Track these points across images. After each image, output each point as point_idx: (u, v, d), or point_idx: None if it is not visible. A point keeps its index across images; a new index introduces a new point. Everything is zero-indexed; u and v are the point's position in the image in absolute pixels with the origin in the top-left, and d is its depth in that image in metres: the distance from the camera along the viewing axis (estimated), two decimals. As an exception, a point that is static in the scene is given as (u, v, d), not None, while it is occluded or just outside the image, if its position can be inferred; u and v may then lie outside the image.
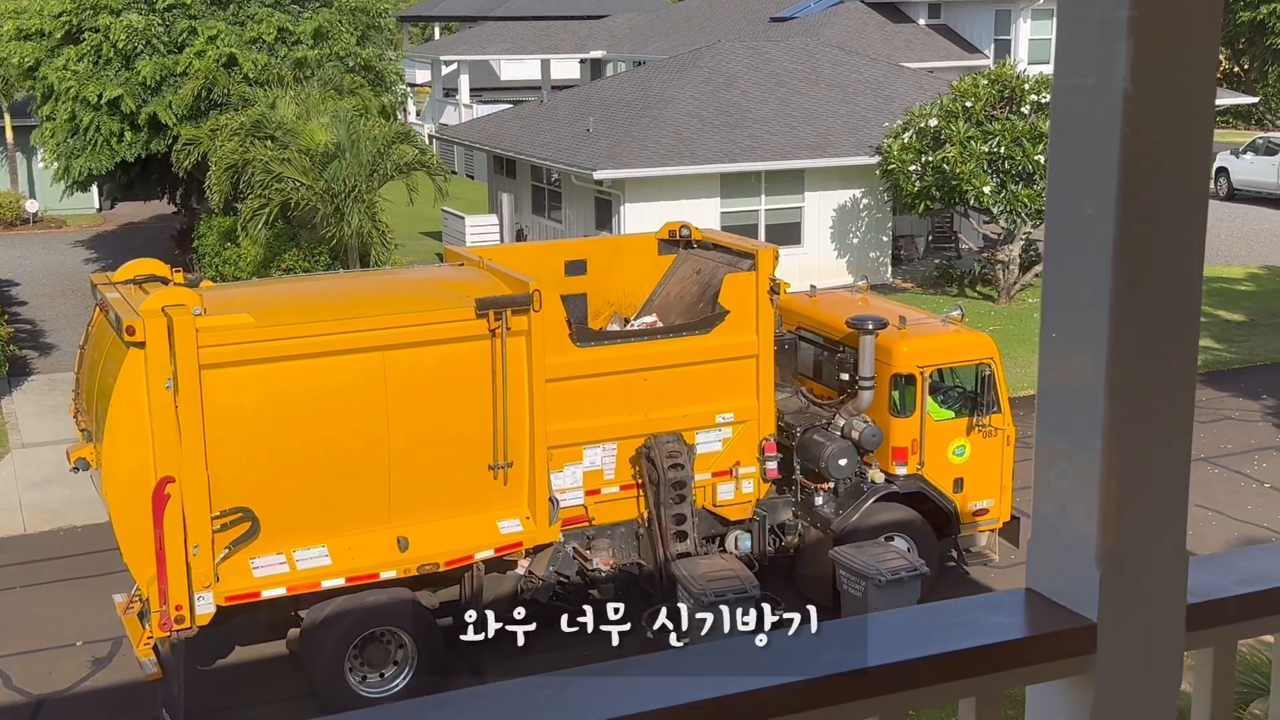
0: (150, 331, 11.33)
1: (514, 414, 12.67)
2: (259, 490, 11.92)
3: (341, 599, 12.47)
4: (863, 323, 14.04)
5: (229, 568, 11.92)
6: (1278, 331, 25.78)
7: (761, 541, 14.43)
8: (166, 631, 11.69)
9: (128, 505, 11.55)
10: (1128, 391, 1.68)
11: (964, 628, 1.73)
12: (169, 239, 35.23)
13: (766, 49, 32.87)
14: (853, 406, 14.26)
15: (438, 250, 33.80)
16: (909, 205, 27.40)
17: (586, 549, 13.74)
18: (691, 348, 13.73)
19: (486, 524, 12.81)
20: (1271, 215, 37.87)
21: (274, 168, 22.91)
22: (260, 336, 11.80)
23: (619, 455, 13.60)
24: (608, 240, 17.53)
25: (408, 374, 12.32)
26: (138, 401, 11.46)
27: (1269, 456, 18.94)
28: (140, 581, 11.86)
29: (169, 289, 12.39)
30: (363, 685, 12.69)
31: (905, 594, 13.09)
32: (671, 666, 1.66)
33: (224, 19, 29.18)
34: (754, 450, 14.14)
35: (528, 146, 30.45)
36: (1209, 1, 1.63)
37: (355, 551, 12.34)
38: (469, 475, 12.68)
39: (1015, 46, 40.20)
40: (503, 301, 12.55)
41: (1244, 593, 1.87)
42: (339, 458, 12.21)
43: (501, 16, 55.93)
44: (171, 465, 11.46)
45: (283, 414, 12.00)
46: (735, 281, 14.04)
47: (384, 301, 13.03)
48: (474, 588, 13.12)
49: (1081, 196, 1.67)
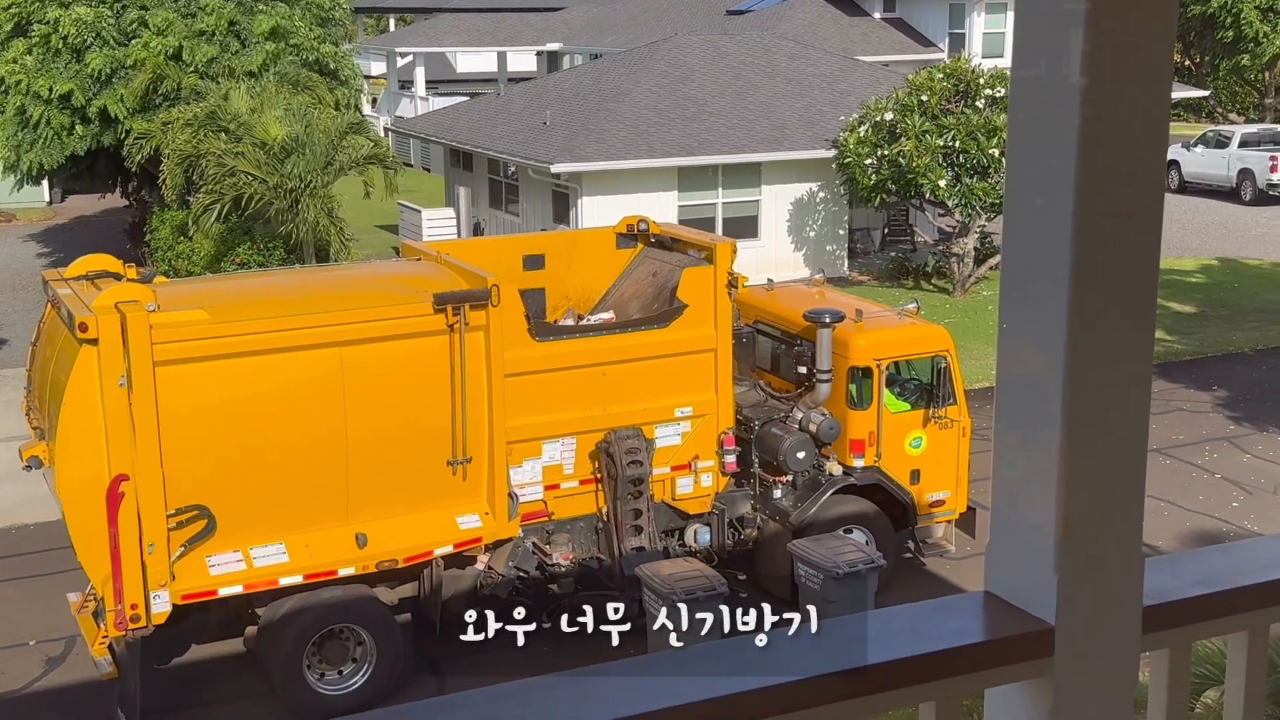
0: (103, 328, 11.21)
1: (473, 409, 12.61)
2: (215, 488, 11.82)
3: (299, 596, 12.39)
4: (820, 316, 14.11)
5: (185, 566, 11.82)
6: (1228, 323, 26.11)
7: (720, 535, 14.46)
8: (122, 630, 11.58)
9: (81, 504, 11.43)
10: (1084, 387, 1.69)
11: (923, 632, 1.74)
12: (121, 233, 34.85)
13: (723, 42, 32.91)
14: (810, 400, 14.32)
15: (394, 244, 33.61)
16: (865, 199, 27.53)
17: (546, 544, 13.74)
18: (650, 342, 13.75)
19: (445, 520, 12.76)
20: (1222, 208, 38.34)
21: (228, 161, 22.70)
22: (215, 333, 11.69)
23: (578, 450, 13.60)
24: (565, 235, 17.64)
25: (365, 370, 12.25)
26: (91, 399, 11.33)
27: (1220, 447, 19.19)
28: (95, 580, 11.75)
29: (122, 285, 12.25)
30: (320, 682, 12.61)
31: (862, 587, 13.17)
32: (625, 675, 1.66)
33: (174, 10, 28.88)
34: (713, 444, 14.19)
35: (485, 139, 30.34)
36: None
37: (313, 548, 12.27)
38: (428, 471, 12.63)
39: (969, 40, 40.45)
40: (461, 296, 12.50)
41: (1199, 594, 1.89)
42: (296, 454, 12.13)
43: (457, 8, 55.67)
44: (126, 463, 11.34)
45: (239, 410, 11.91)
46: (693, 276, 14.07)
47: (341, 296, 12.94)
48: (433, 584, 13.07)
49: (1038, 189, 1.68)
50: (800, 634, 1.75)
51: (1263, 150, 38.94)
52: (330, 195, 23.39)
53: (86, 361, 11.31)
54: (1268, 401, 21.16)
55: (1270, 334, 25.23)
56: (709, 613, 12.61)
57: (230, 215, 23.86)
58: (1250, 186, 38.71)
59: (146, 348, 11.33)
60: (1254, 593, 1.94)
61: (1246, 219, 36.83)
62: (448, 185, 34.84)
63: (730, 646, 1.72)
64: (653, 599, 12.81)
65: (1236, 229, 35.55)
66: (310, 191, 22.74)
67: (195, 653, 13.41)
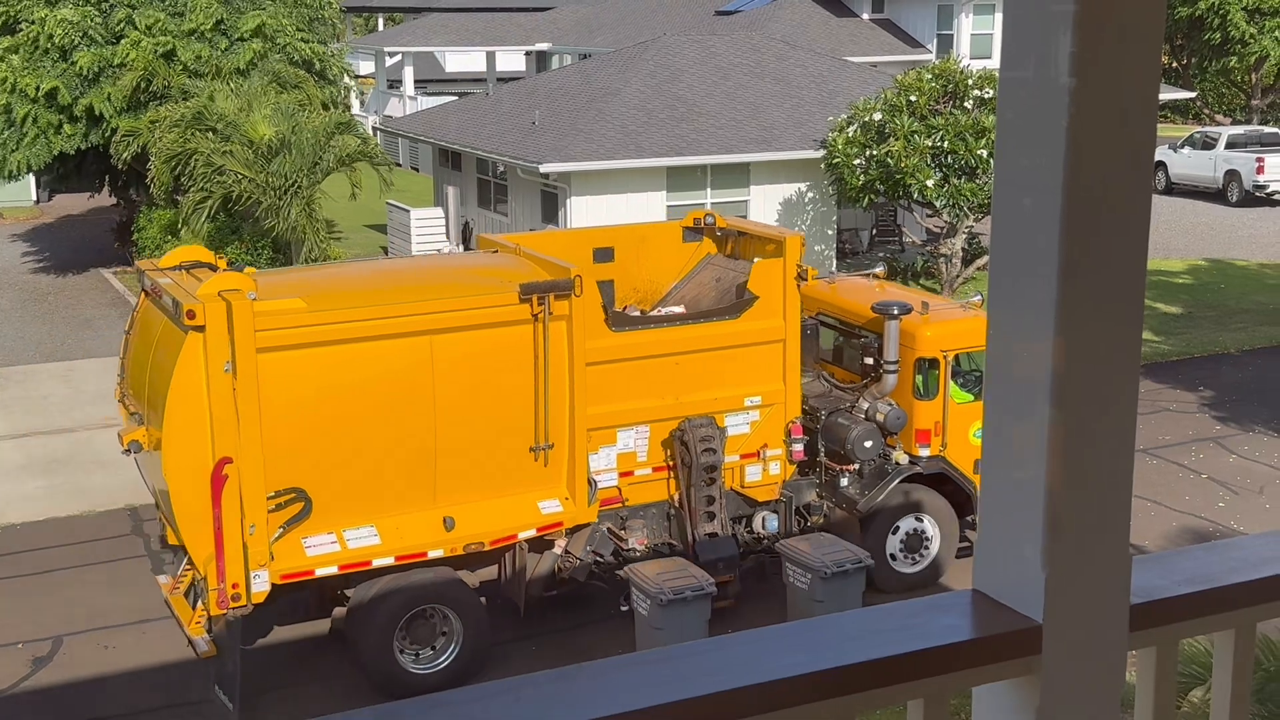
0: (210, 316, 11.59)
1: (555, 397, 12.99)
2: (311, 471, 12.18)
3: (389, 578, 12.75)
4: (888, 308, 14.43)
5: (283, 547, 12.17)
6: (1215, 324, 26.20)
7: (787, 522, 14.76)
8: (223, 609, 11.91)
9: (187, 486, 11.78)
10: (1072, 386, 1.69)
11: (912, 630, 1.74)
12: (108, 232, 34.76)
13: (712, 42, 32.92)
14: (877, 390, 14.65)
15: (383, 243, 33.56)
16: (853, 199, 27.56)
17: (621, 529, 14.06)
18: (721, 333, 14.14)
19: (528, 504, 13.14)
20: (1209, 209, 38.47)
21: (216, 160, 22.65)
22: (313, 320, 12.07)
23: (651, 438, 13.98)
24: (634, 228, 18.24)
25: (454, 357, 12.62)
26: (197, 384, 11.70)
27: (1206, 448, 19.25)
28: (198, 560, 12.06)
29: (224, 274, 12.65)
30: (411, 662, 12.93)
31: (850, 586, 13.20)
32: (614, 673, 1.66)
33: (162, 9, 28.79)
34: (780, 433, 14.53)
35: (473, 139, 30.30)
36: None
37: (403, 531, 12.62)
38: (511, 457, 13.00)
39: (958, 41, 40.52)
40: (546, 286, 12.87)
41: (1186, 593, 1.90)
42: (387, 439, 12.47)
43: (446, 8, 55.64)
44: (229, 446, 11.70)
45: (334, 396, 12.27)
46: (764, 268, 14.47)
47: (430, 286, 13.27)
48: (515, 567, 13.45)
49: (1027, 189, 1.69)
50: (788, 632, 1.75)
51: (1249, 152, 39.07)
52: (313, 195, 23.34)
53: (193, 348, 11.66)
54: (1254, 402, 21.24)
55: (1256, 335, 25.32)
56: (698, 612, 12.68)
57: (219, 214, 23.81)
58: (1237, 188, 38.85)
59: (250, 335, 11.69)
60: (1241, 591, 1.95)
61: (1233, 220, 36.96)
62: (436, 185, 34.79)
63: (718, 644, 1.72)
64: (640, 597, 12.83)
65: (1223, 230, 35.67)
66: (298, 190, 22.70)
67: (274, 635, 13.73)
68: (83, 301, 29.55)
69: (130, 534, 16.73)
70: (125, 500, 17.65)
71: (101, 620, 14.37)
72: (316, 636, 13.72)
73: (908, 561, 14.86)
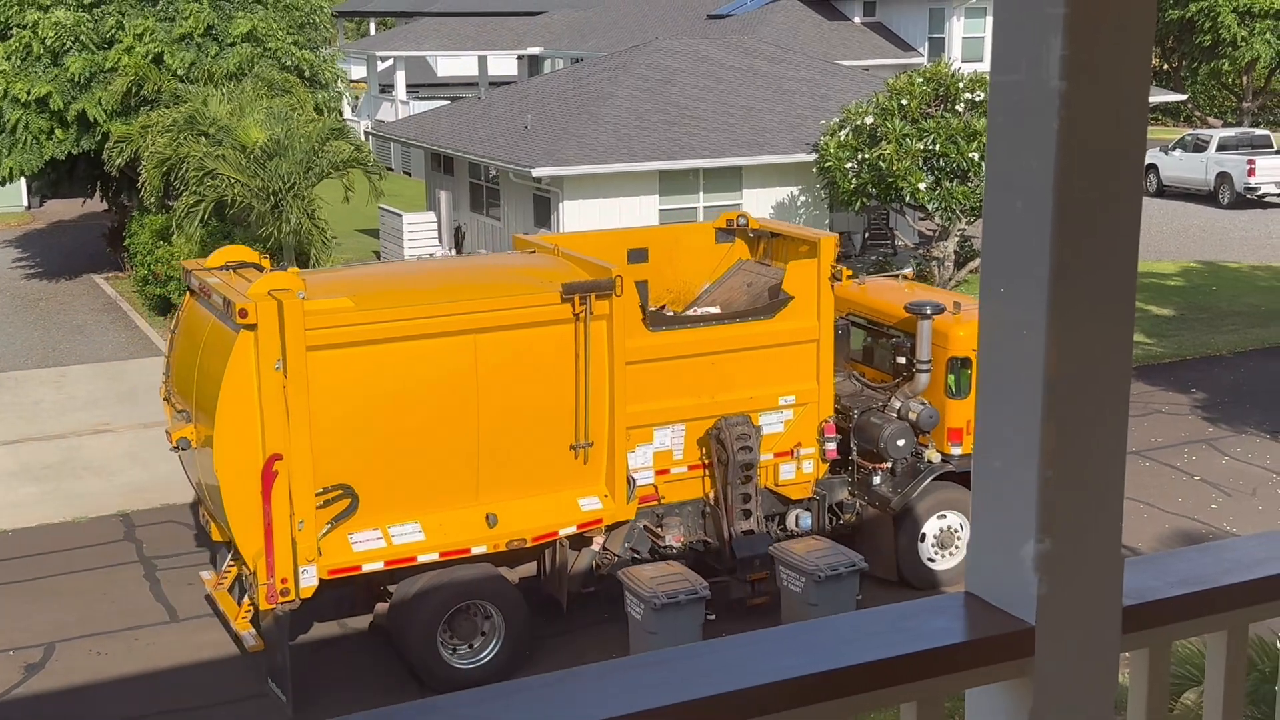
0: (262, 314, 11.75)
1: (595, 395, 13.17)
2: (358, 468, 12.34)
3: (432, 574, 12.90)
4: (921, 308, 14.59)
5: (330, 542, 12.33)
6: (1207, 326, 26.25)
7: (821, 519, 14.91)
8: (273, 604, 12.08)
9: (238, 482, 11.95)
10: (1064, 388, 1.69)
11: (905, 632, 1.74)
12: (100, 237, 34.70)
13: (704, 46, 32.94)
14: (909, 389, 14.82)
15: (375, 248, 33.54)
16: (845, 202, 27.58)
17: (657, 526, 14.19)
18: (756, 332, 14.33)
19: (568, 501, 13.30)
20: (1200, 211, 38.55)
21: (208, 164, 22.62)
22: (361, 319, 12.24)
23: (687, 436, 14.16)
24: (668, 229, 18.48)
25: (497, 356, 12.80)
26: (248, 382, 11.87)
27: (1198, 449, 19.28)
28: (247, 556, 12.22)
29: (273, 273, 12.83)
30: (454, 657, 13.05)
31: (844, 589, 13.21)
32: (609, 676, 1.66)
33: (152, 15, 28.76)
34: (814, 431, 14.69)
35: (465, 144, 30.29)
36: (1142, 0, 1.65)
37: (447, 528, 12.79)
38: (552, 454, 13.16)
39: (949, 45, 40.58)
40: (588, 286, 13.05)
41: (1179, 594, 1.90)
42: (432, 436, 12.64)
43: (438, 12, 55.60)
44: (279, 443, 11.86)
45: (380, 394, 12.42)
46: (798, 268, 14.65)
47: (474, 286, 13.43)
48: (556, 564, 13.63)
49: (1018, 192, 1.69)
50: (781, 635, 1.75)
51: (1240, 154, 39.16)
52: (312, 199, 23.33)
53: (244, 346, 11.83)
54: (1246, 404, 21.28)
55: (1249, 337, 25.37)
56: (692, 616, 12.67)
57: (211, 219, 23.77)
58: (1228, 190, 38.93)
59: (300, 333, 11.85)
60: (1234, 592, 1.95)
61: (1225, 222, 37.04)
62: (428, 189, 34.78)
63: (710, 648, 1.72)
64: (634, 601, 12.82)
65: (1215, 232, 35.74)
66: (293, 194, 22.67)
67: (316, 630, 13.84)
68: (74, 307, 29.49)
69: (123, 540, 16.70)
70: (117, 506, 17.63)
71: (93, 627, 14.34)
72: (355, 633, 13.88)
73: (941, 558, 14.97)
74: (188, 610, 14.68)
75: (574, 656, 13.39)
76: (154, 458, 19.13)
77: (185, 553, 16.11)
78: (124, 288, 30.94)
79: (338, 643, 13.91)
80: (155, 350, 25.55)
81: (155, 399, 21.46)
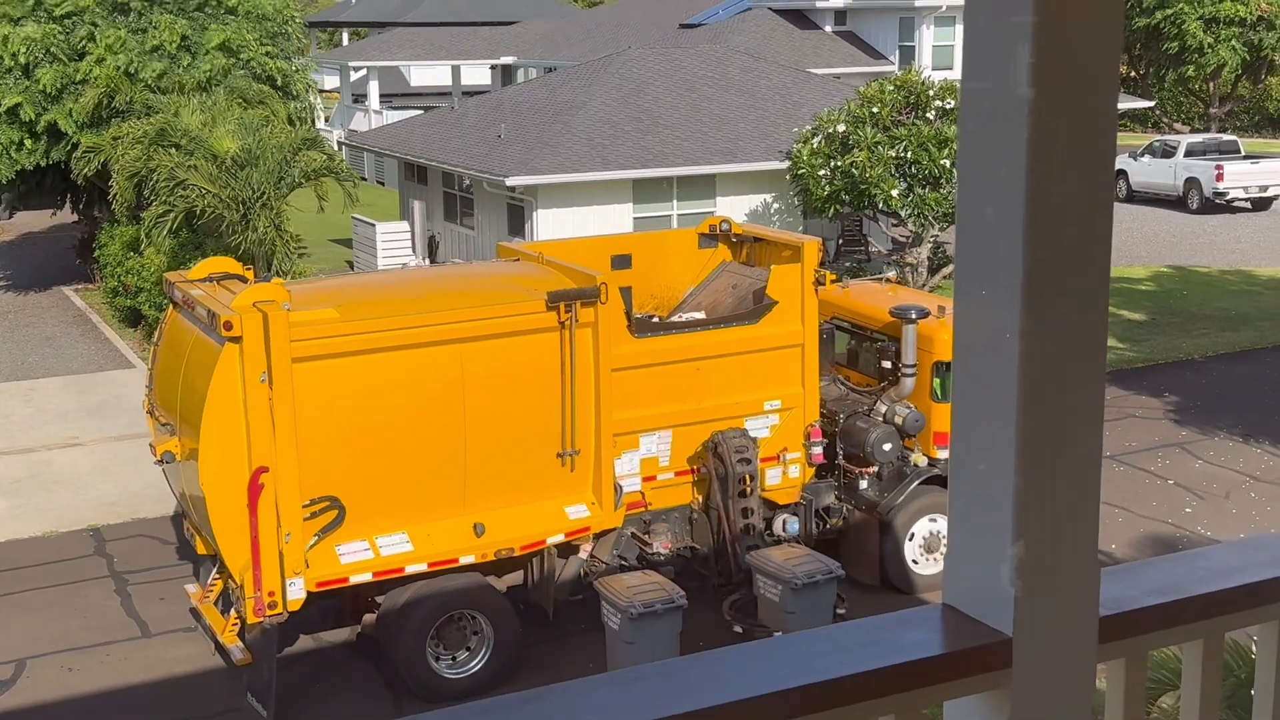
0: (247, 326, 11.67)
1: (581, 403, 13.14)
2: (345, 479, 12.29)
3: (419, 584, 12.83)
4: (906, 312, 14.63)
5: (317, 554, 12.27)
6: (1179, 330, 26.42)
7: (808, 524, 14.89)
8: (260, 617, 12.00)
9: (224, 495, 11.89)
10: (1038, 395, 1.69)
11: (883, 645, 1.73)
12: (70, 249, 34.47)
13: (676, 55, 33.00)
14: (895, 393, 14.84)
15: (348, 258, 33.43)
16: (819, 209, 27.66)
17: (645, 534, 14.18)
18: (742, 338, 14.32)
19: (555, 510, 13.28)
20: (1169, 216, 38.83)
21: (179, 174, 22.50)
22: (346, 330, 12.18)
23: (674, 442, 14.14)
24: (652, 235, 18.50)
25: (483, 365, 12.76)
26: (233, 394, 11.79)
27: (1172, 453, 19.39)
28: (233, 569, 12.15)
29: (258, 285, 12.73)
30: (442, 667, 12.99)
31: (821, 597, 13.22)
32: (585, 693, 1.64)
33: (124, 26, 28.61)
34: (799, 436, 14.68)
35: (439, 153, 30.24)
36: (1110, 8, 1.65)
37: (434, 538, 12.75)
38: (538, 462, 13.13)
39: (919, 53, 40.79)
40: (573, 294, 13.03)
41: (1154, 604, 1.90)
42: (418, 447, 12.58)
43: (411, 22, 55.54)
44: (266, 455, 11.78)
45: (366, 405, 12.37)
46: (782, 273, 14.63)
47: (459, 295, 13.39)
48: (544, 572, 13.59)
49: (990, 198, 1.69)
50: (759, 649, 1.74)
51: (1208, 159, 39.48)
52: (281, 209, 23.23)
53: (230, 359, 11.76)
54: (1218, 407, 21.42)
55: (1219, 340, 25.55)
56: (669, 626, 12.65)
57: (182, 229, 23.64)
58: (1197, 195, 39.23)
59: (286, 345, 11.77)
60: (1209, 601, 1.95)
61: (1194, 227, 37.32)
62: (402, 199, 34.70)
63: (686, 664, 1.70)
64: (611, 611, 12.79)
65: (1184, 237, 36.01)
66: (263, 204, 22.57)
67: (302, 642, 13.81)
68: (44, 319, 29.27)
69: (93, 554, 16.56)
70: (87, 521, 17.48)
71: (64, 643, 14.21)
72: (341, 645, 13.82)
73: (927, 563, 15.01)
74: (160, 625, 14.57)
75: (561, 665, 13.36)
76: (124, 471, 18.99)
77: (157, 567, 16.00)
78: (94, 299, 30.74)
79: (318, 655, 13.82)
80: (126, 363, 25.37)
81: (125, 412, 21.34)
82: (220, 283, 13.21)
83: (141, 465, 17.72)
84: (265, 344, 11.69)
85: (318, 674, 13.50)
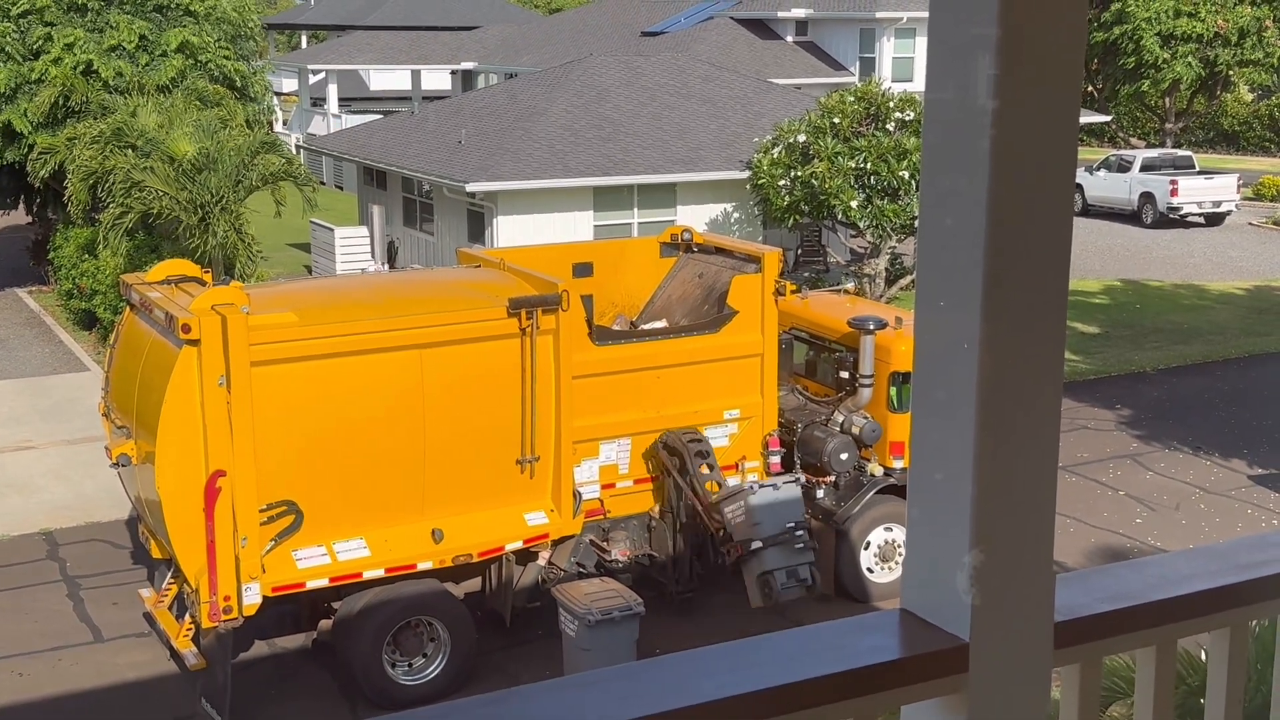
0: (205, 329, 11.60)
1: (541, 410, 13.14)
2: (302, 484, 12.20)
3: (376, 590, 12.78)
4: (864, 323, 14.71)
5: (274, 559, 12.19)
6: (1131, 343, 26.70)
7: None
8: (215, 622, 11.91)
9: (180, 499, 11.79)
10: (997, 404, 1.71)
11: (841, 650, 1.74)
12: (23, 250, 34.06)
13: (638, 63, 33.04)
14: (852, 403, 14.93)
15: (305, 263, 33.22)
16: (779, 219, 27.76)
17: (603, 541, 14.15)
18: (702, 346, 14.38)
19: (514, 516, 13.26)
20: (1124, 230, 39.24)
21: (135, 176, 22.28)
22: (306, 335, 12.10)
23: (633, 450, 14.15)
24: (614, 243, 18.53)
25: (443, 371, 12.71)
26: (191, 398, 11.71)
27: (1123, 465, 19.59)
28: (189, 573, 12.04)
29: (216, 289, 12.62)
30: (397, 673, 12.93)
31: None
32: (543, 697, 1.64)
33: (82, 25, 28.33)
34: (758, 445, 14.74)
35: (398, 158, 30.12)
36: (1072, 22, 1.67)
37: (392, 543, 12.68)
38: (497, 469, 13.11)
39: (880, 64, 41.04)
40: (534, 301, 13.03)
41: (1108, 610, 1.92)
42: (377, 452, 12.53)
43: (371, 26, 55.29)
44: (223, 459, 11.71)
45: (325, 410, 12.30)
46: (743, 283, 14.68)
47: (419, 301, 13.36)
48: (501, 579, 13.56)
49: (950, 209, 1.70)
50: (717, 654, 1.75)
51: (1163, 174, 39.93)
52: (240, 213, 23.05)
53: (187, 362, 11.67)
54: (1170, 419, 21.65)
55: (1172, 354, 25.84)
56: (627, 633, 12.60)
57: (138, 232, 23.41)
58: (1151, 210, 39.67)
59: (244, 348, 11.70)
60: (1162, 608, 1.98)
61: (1148, 241, 37.73)
62: (361, 204, 34.52)
63: (644, 668, 1.71)
64: (568, 618, 12.74)
65: (1138, 251, 36.40)
66: (221, 207, 22.40)
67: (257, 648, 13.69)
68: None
69: (45, 559, 16.36)
70: (39, 524, 17.27)
71: (15, 647, 14.03)
72: (297, 651, 13.73)
73: (882, 571, 15.10)
74: (112, 630, 14.41)
75: (518, 672, 13.32)
76: (78, 475, 18.78)
77: (109, 571, 15.82)
78: (48, 301, 30.38)
79: (273, 661, 13.72)
80: (80, 365, 25.09)
81: (79, 415, 21.10)
82: (178, 285, 13.13)
83: (95, 469, 17.52)
84: (224, 347, 11.63)
85: (273, 680, 13.40)
